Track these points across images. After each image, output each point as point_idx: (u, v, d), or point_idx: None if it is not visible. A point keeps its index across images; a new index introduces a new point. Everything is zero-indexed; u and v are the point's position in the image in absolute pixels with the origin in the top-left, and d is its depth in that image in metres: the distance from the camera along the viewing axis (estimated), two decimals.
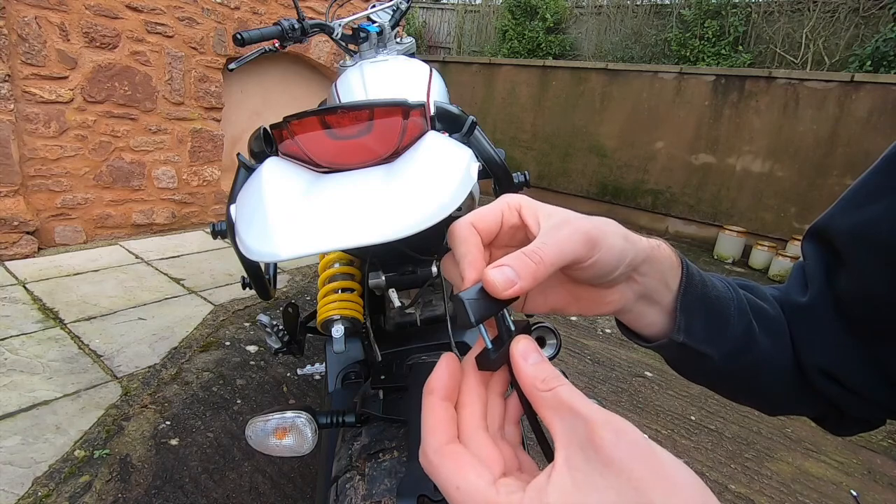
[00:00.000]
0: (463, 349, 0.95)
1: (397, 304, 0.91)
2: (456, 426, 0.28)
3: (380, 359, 0.92)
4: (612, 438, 0.22)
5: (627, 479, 0.21)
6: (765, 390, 0.46)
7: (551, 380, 0.26)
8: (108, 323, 2.27)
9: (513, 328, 0.30)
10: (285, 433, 0.81)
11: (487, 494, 0.24)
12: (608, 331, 2.77)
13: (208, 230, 3.74)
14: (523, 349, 0.28)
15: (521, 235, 0.33)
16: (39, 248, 2.94)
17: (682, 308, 0.39)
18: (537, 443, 0.28)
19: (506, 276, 0.28)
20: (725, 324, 0.41)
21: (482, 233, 0.32)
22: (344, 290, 0.99)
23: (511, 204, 0.33)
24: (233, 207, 0.64)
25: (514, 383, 0.29)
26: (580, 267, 0.32)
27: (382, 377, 0.90)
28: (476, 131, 0.79)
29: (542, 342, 1.03)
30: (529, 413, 0.28)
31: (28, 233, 2.83)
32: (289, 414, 0.81)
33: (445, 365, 0.30)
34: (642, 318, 0.40)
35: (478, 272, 0.29)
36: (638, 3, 6.36)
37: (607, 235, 0.32)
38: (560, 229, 0.31)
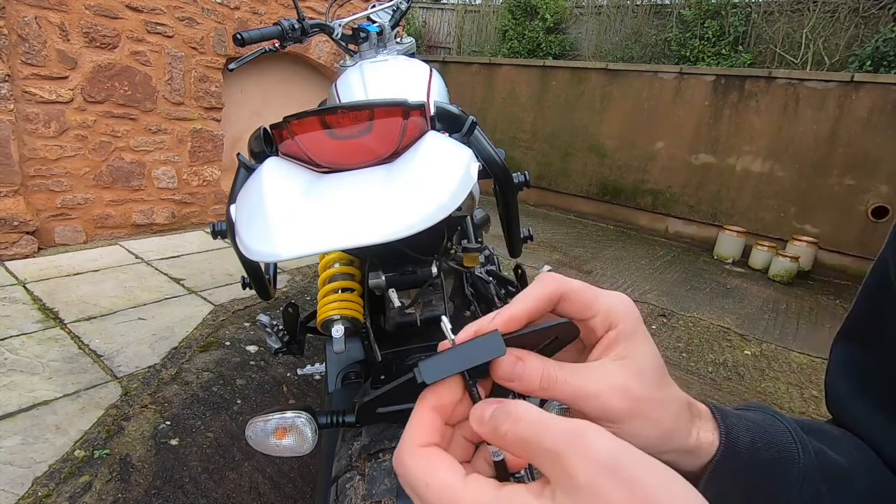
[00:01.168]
0: None
1: (397, 304, 0.91)
2: (439, 435, 0.26)
3: (380, 359, 0.92)
4: (577, 464, 0.21)
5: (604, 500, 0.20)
6: None
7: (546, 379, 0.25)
8: (108, 323, 2.27)
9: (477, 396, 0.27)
10: (285, 433, 0.81)
11: (456, 489, 0.23)
12: None
13: (208, 230, 3.73)
14: (478, 415, 0.25)
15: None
16: (39, 248, 2.94)
17: (708, 486, 0.32)
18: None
19: (514, 367, 0.27)
20: (780, 493, 0.33)
21: (566, 297, 0.30)
22: (344, 290, 0.99)
23: (611, 315, 0.30)
24: (233, 207, 0.64)
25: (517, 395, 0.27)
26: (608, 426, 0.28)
27: (382, 377, 0.90)
28: (476, 131, 0.79)
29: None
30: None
31: (28, 233, 2.83)
32: (289, 414, 0.80)
33: (424, 409, 0.27)
34: None
35: (511, 325, 0.28)
36: (638, 3, 6.36)
37: (642, 422, 0.29)
38: (600, 380, 0.28)
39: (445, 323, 0.28)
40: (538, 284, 0.30)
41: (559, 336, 0.29)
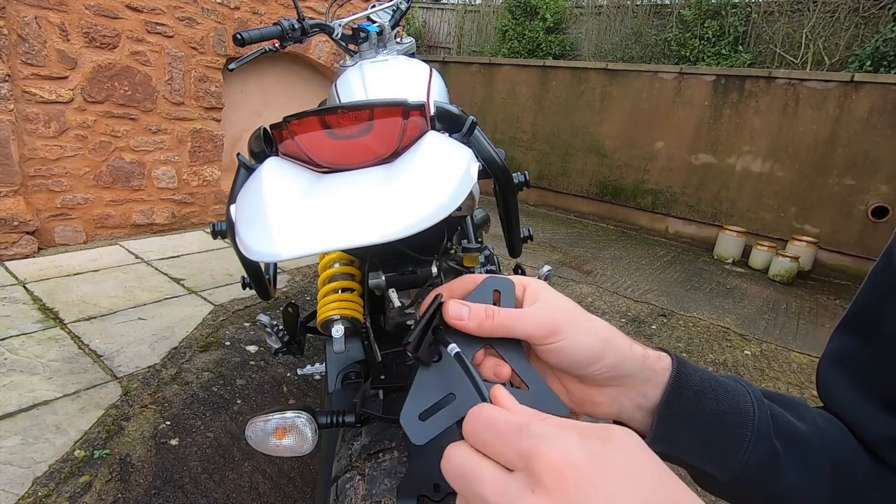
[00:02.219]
0: None
1: (397, 304, 0.91)
2: None
3: (380, 359, 0.92)
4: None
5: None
6: None
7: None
8: (108, 323, 2.27)
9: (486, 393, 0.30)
10: (285, 433, 0.81)
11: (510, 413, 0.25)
12: None
13: (208, 230, 3.73)
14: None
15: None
16: (39, 248, 2.94)
17: (661, 419, 0.36)
18: None
19: (459, 310, 0.33)
20: (734, 444, 0.36)
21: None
22: (344, 290, 0.99)
23: (521, 282, 0.36)
24: (233, 207, 0.64)
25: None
26: (540, 349, 0.34)
27: (382, 377, 0.90)
28: (476, 131, 0.79)
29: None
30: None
31: (28, 233, 2.83)
32: (289, 414, 0.81)
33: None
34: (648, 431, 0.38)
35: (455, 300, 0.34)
36: (638, 3, 6.35)
37: (576, 328, 0.34)
38: (531, 308, 0.34)
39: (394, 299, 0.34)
40: (453, 280, 0.37)
41: (500, 291, 0.36)
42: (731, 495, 0.40)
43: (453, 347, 0.31)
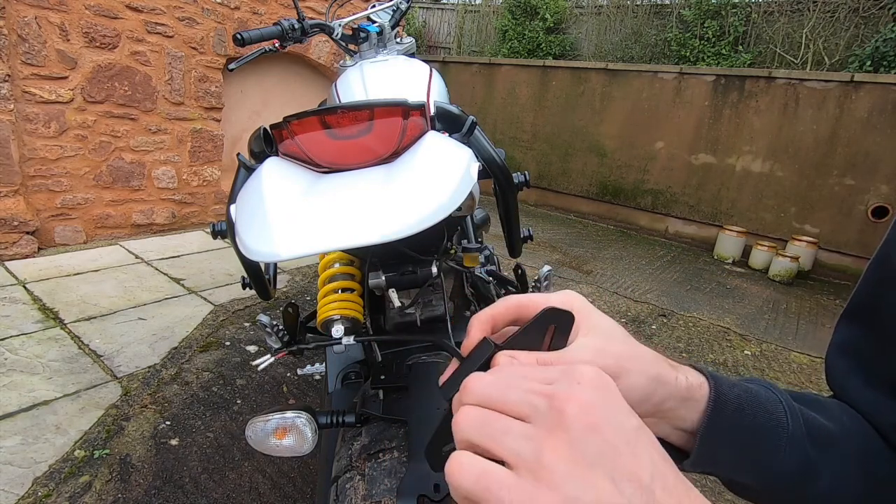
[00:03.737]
0: None
1: (397, 304, 0.91)
2: None
3: (380, 359, 0.92)
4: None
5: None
6: None
7: None
8: (108, 323, 2.27)
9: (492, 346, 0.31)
10: (285, 433, 0.81)
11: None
12: None
13: (208, 230, 3.73)
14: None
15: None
16: (39, 248, 2.94)
17: (703, 442, 0.36)
18: None
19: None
20: (770, 455, 0.36)
21: (523, 310, 0.34)
22: (344, 290, 0.99)
23: (567, 302, 0.34)
24: (233, 207, 0.64)
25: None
26: None
27: (382, 377, 0.90)
28: (476, 131, 0.79)
29: None
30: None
31: (28, 233, 2.83)
32: (289, 414, 0.80)
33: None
34: (685, 444, 0.38)
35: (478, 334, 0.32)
36: (638, 3, 6.35)
37: (629, 373, 0.32)
38: (583, 351, 0.32)
39: (452, 345, 0.32)
40: (499, 302, 0.34)
41: (556, 325, 0.32)
42: (762, 499, 0.40)
43: None
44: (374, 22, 1.54)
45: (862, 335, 0.42)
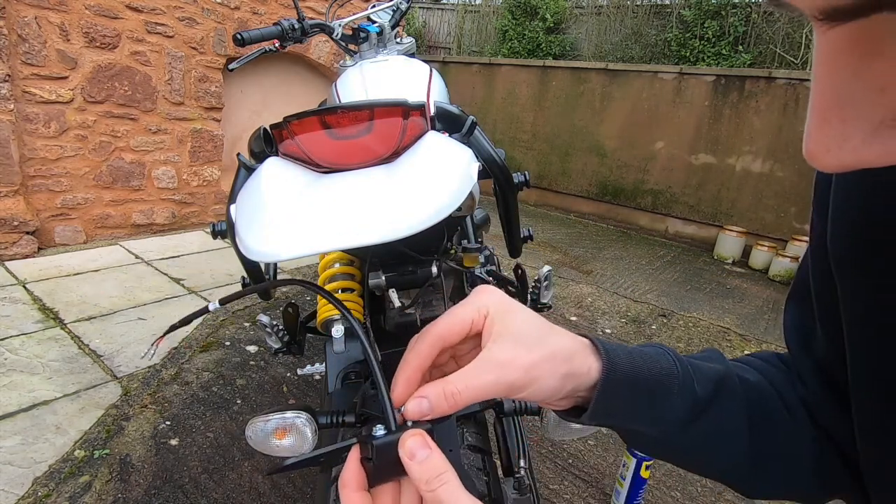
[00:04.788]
0: None
1: (397, 304, 0.91)
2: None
3: (379, 359, 0.92)
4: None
5: None
6: (724, 464, 0.42)
7: (433, 481, 0.29)
8: (108, 323, 2.27)
9: (407, 425, 0.33)
10: (285, 433, 0.81)
11: None
12: (608, 331, 2.77)
13: (208, 230, 3.73)
14: (409, 448, 0.30)
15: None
16: (39, 248, 2.94)
17: (596, 412, 0.38)
18: None
19: (420, 408, 0.33)
20: (663, 399, 0.38)
21: (447, 342, 0.36)
22: (344, 290, 0.99)
23: (481, 310, 0.36)
24: (233, 207, 0.64)
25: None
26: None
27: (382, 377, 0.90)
28: (476, 131, 0.79)
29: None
30: None
31: (28, 233, 2.84)
32: (289, 414, 0.80)
33: (354, 459, 0.33)
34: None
35: (407, 393, 0.34)
36: (638, 3, 6.35)
37: (538, 381, 0.34)
38: (489, 367, 0.33)
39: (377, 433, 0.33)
40: (413, 347, 0.36)
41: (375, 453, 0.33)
42: (656, 448, 0.43)
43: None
44: (374, 22, 1.54)
45: (804, 314, 0.44)
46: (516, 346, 0.34)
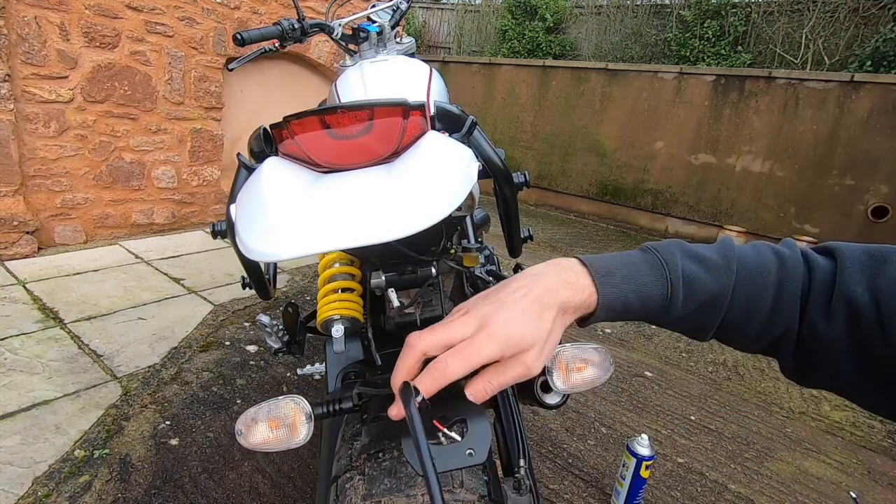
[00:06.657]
0: None
1: (397, 304, 0.91)
2: None
3: (379, 361, 0.92)
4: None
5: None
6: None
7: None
8: (108, 323, 2.27)
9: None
10: (277, 424, 0.81)
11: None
12: (608, 330, 2.77)
13: (208, 230, 3.73)
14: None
15: None
16: (39, 248, 2.94)
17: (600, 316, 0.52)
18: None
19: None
20: (660, 294, 0.50)
21: (430, 355, 0.46)
22: (344, 290, 0.99)
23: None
24: (233, 207, 0.64)
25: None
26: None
27: (379, 374, 0.90)
28: (476, 131, 0.79)
29: (546, 388, 1.01)
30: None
31: (28, 233, 2.83)
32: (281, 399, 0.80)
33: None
34: None
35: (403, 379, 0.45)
36: (638, 3, 6.35)
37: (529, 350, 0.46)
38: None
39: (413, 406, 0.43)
40: (403, 355, 0.46)
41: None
42: (668, 322, 0.52)
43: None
44: (374, 22, 1.54)
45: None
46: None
